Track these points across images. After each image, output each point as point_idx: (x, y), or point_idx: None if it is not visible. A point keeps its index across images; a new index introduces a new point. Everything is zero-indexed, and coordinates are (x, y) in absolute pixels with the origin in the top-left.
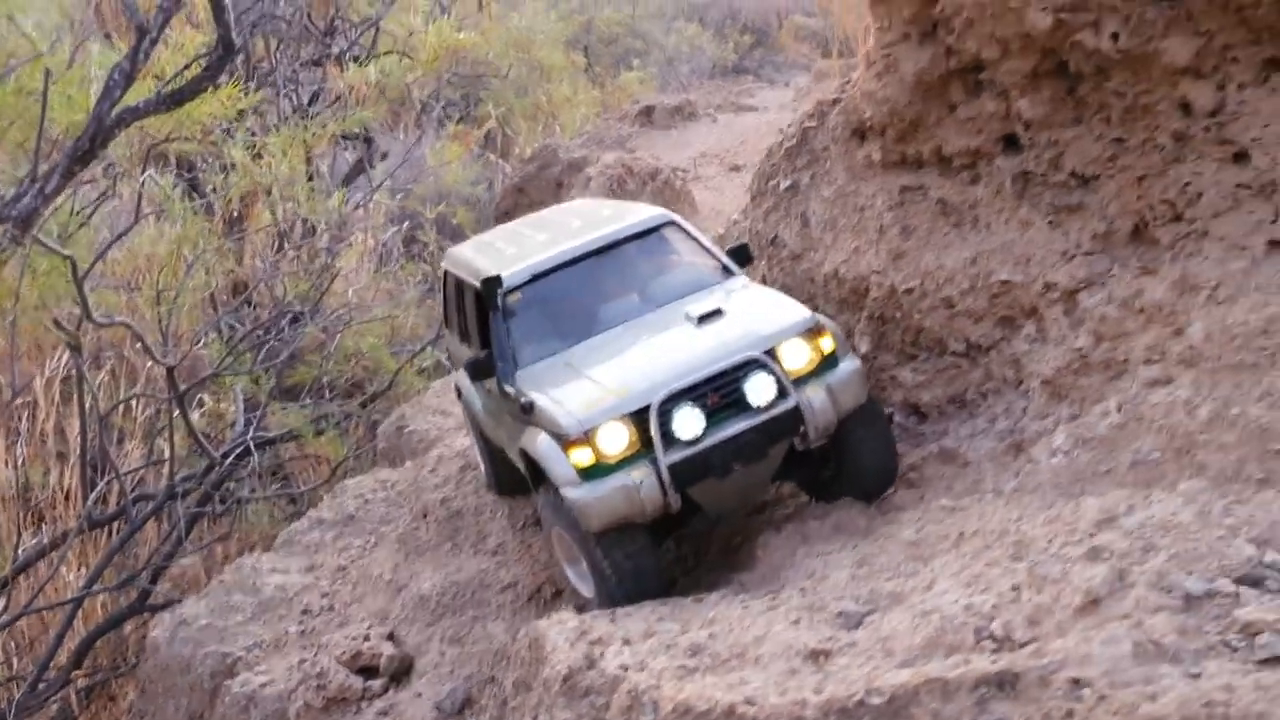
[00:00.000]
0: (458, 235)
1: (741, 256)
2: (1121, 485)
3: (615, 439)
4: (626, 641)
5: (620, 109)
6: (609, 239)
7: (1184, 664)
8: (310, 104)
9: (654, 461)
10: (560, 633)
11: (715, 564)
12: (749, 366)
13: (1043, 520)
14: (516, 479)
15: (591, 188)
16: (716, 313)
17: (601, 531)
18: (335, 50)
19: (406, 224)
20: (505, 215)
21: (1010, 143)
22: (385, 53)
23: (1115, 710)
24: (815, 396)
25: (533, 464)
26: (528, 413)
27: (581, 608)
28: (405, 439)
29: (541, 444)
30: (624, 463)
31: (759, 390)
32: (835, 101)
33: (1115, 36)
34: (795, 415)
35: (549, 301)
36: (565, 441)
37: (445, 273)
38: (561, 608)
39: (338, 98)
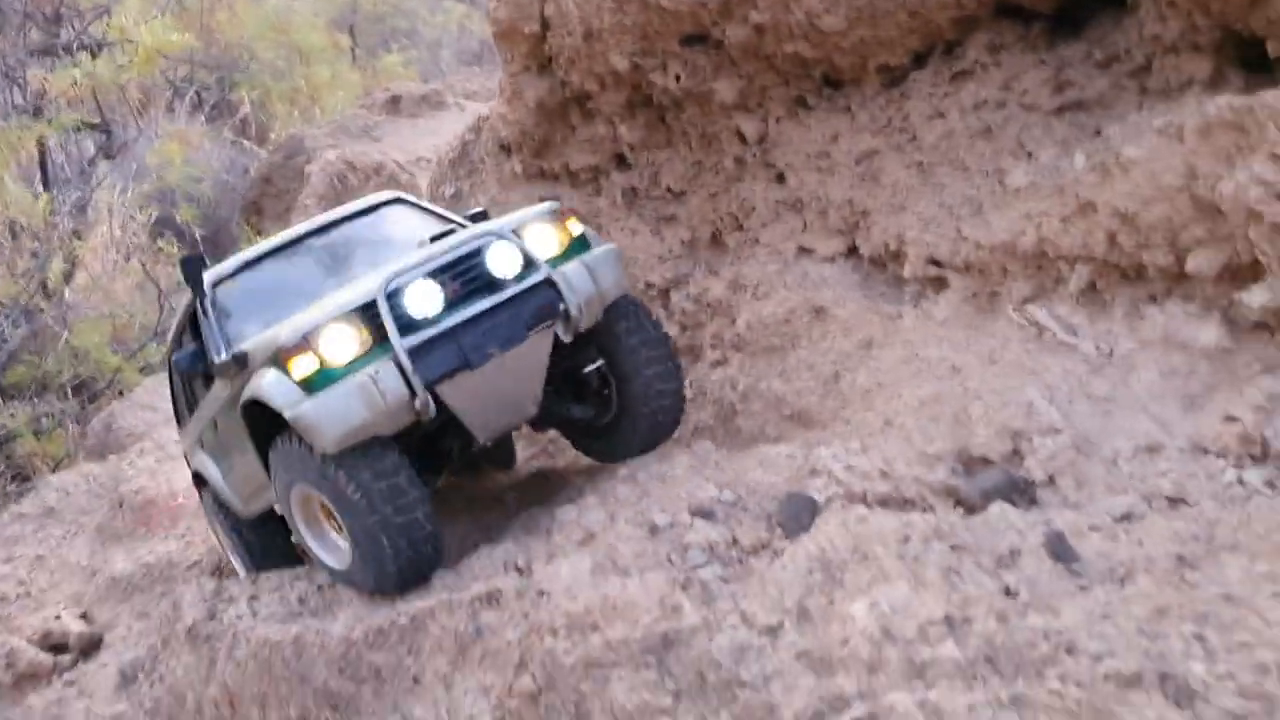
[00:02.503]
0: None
1: (481, 217)
2: (677, 446)
3: (341, 340)
4: (254, 598)
5: (369, 97)
6: (324, 222)
7: (630, 576)
8: (40, 98)
9: (390, 352)
10: (194, 592)
11: None
12: (487, 240)
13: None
14: (268, 539)
15: (314, 183)
16: (449, 232)
17: (340, 454)
18: (63, 39)
19: (154, 215)
20: (252, 205)
21: (621, 161)
22: (119, 41)
23: (553, 607)
24: (570, 270)
25: (260, 434)
26: (242, 364)
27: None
28: (113, 434)
29: (260, 380)
30: (356, 365)
31: (501, 260)
32: (488, 118)
33: (678, 77)
34: (550, 292)
35: (264, 288)
36: (283, 355)
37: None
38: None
39: (43, 94)
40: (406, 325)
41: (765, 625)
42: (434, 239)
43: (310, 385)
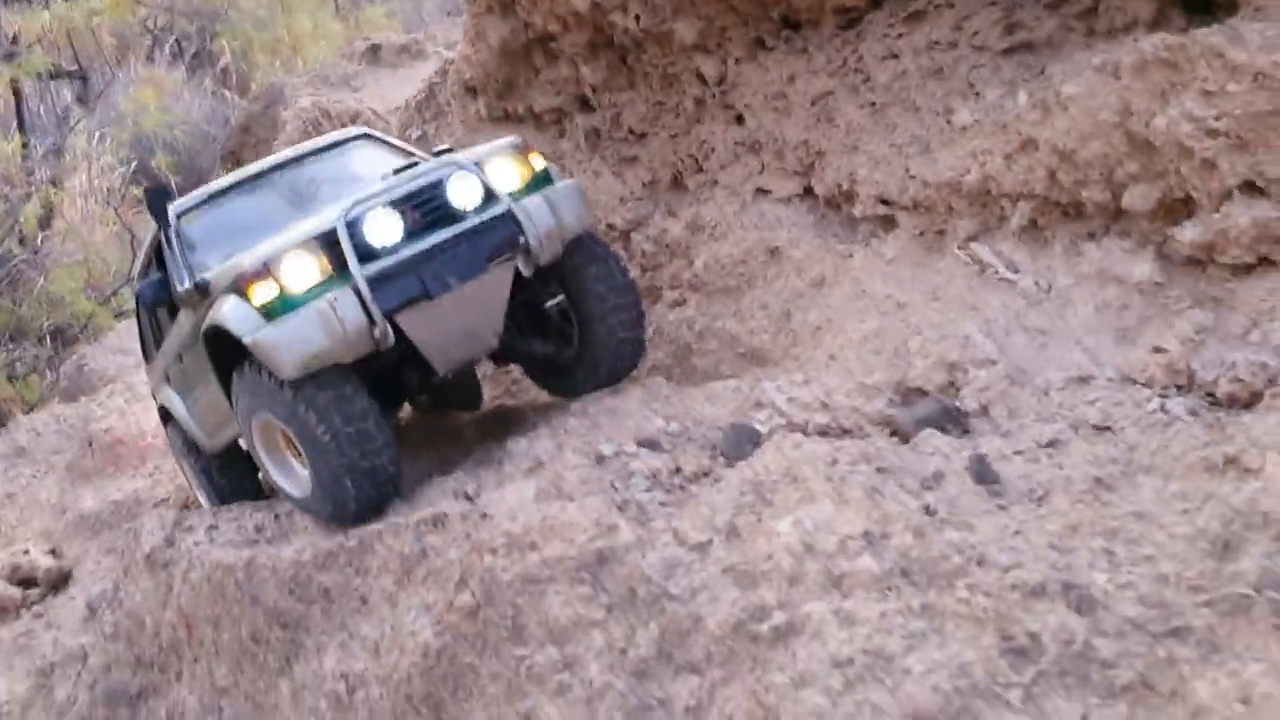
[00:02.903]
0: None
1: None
2: (631, 383)
3: (301, 268)
4: (212, 527)
5: (349, 46)
6: (291, 156)
7: (572, 500)
8: (14, 43)
9: (350, 280)
10: (154, 522)
11: None
12: (448, 171)
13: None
14: (235, 476)
15: (288, 131)
16: (413, 164)
17: (300, 381)
18: None
19: (135, 163)
20: (231, 155)
21: (584, 103)
22: None
23: (494, 528)
24: (531, 204)
25: (222, 364)
26: (204, 293)
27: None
28: (85, 376)
29: (221, 308)
30: (315, 292)
31: (461, 191)
32: (454, 62)
33: (638, 18)
34: (511, 225)
35: (229, 220)
36: (243, 282)
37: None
38: None
39: (15, 40)
40: (366, 254)
41: (696, 542)
42: (397, 171)
43: (270, 312)
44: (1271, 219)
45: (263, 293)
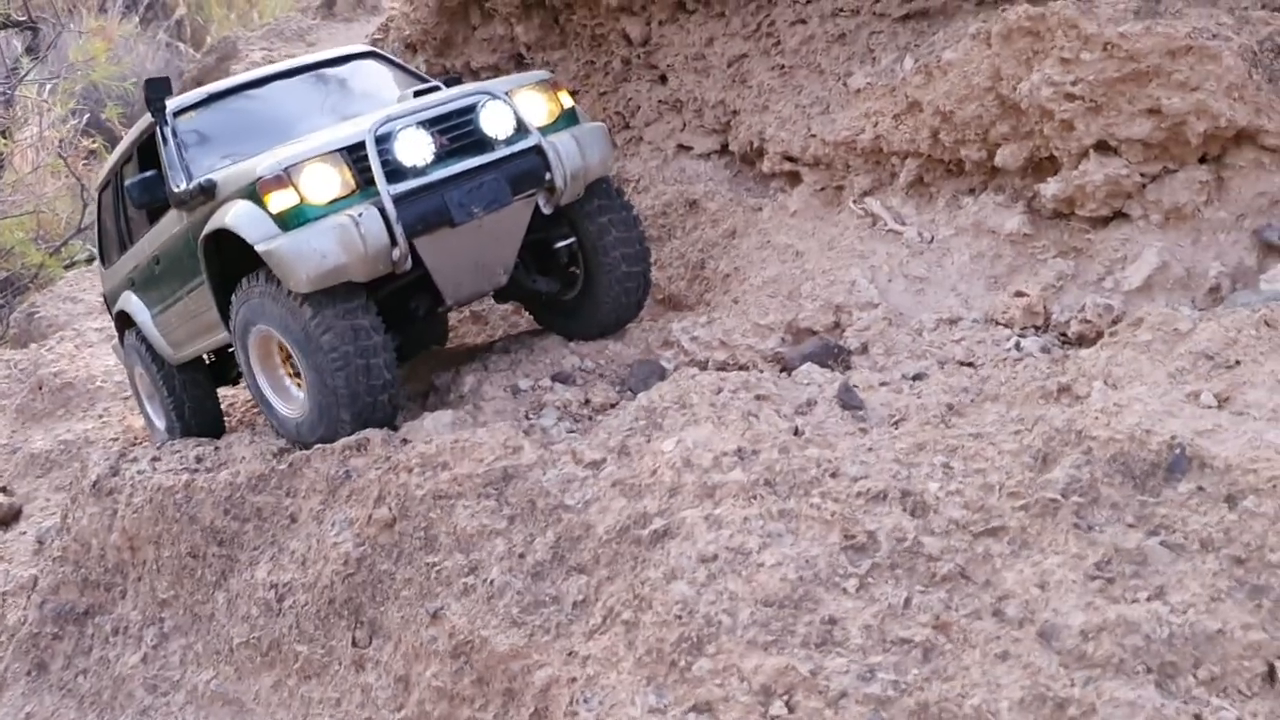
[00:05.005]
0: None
1: (453, 83)
2: None
3: (324, 178)
4: (155, 459)
5: (303, 0)
6: (295, 66)
7: (484, 425)
8: None
9: (374, 198)
10: (101, 453)
11: None
12: (481, 98)
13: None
14: (198, 390)
15: None
16: (435, 88)
17: (312, 296)
18: None
19: (88, 116)
20: None
21: (520, 61)
22: None
23: (410, 450)
24: (560, 141)
25: (216, 271)
26: (209, 195)
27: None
28: (35, 324)
29: (230, 212)
30: (336, 206)
31: (494, 120)
32: (394, 18)
33: None
34: (538, 160)
35: (228, 123)
36: (262, 187)
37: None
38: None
39: None
40: (393, 172)
41: (591, 461)
42: (418, 93)
43: (286, 221)
44: (1122, 175)
45: (280, 200)
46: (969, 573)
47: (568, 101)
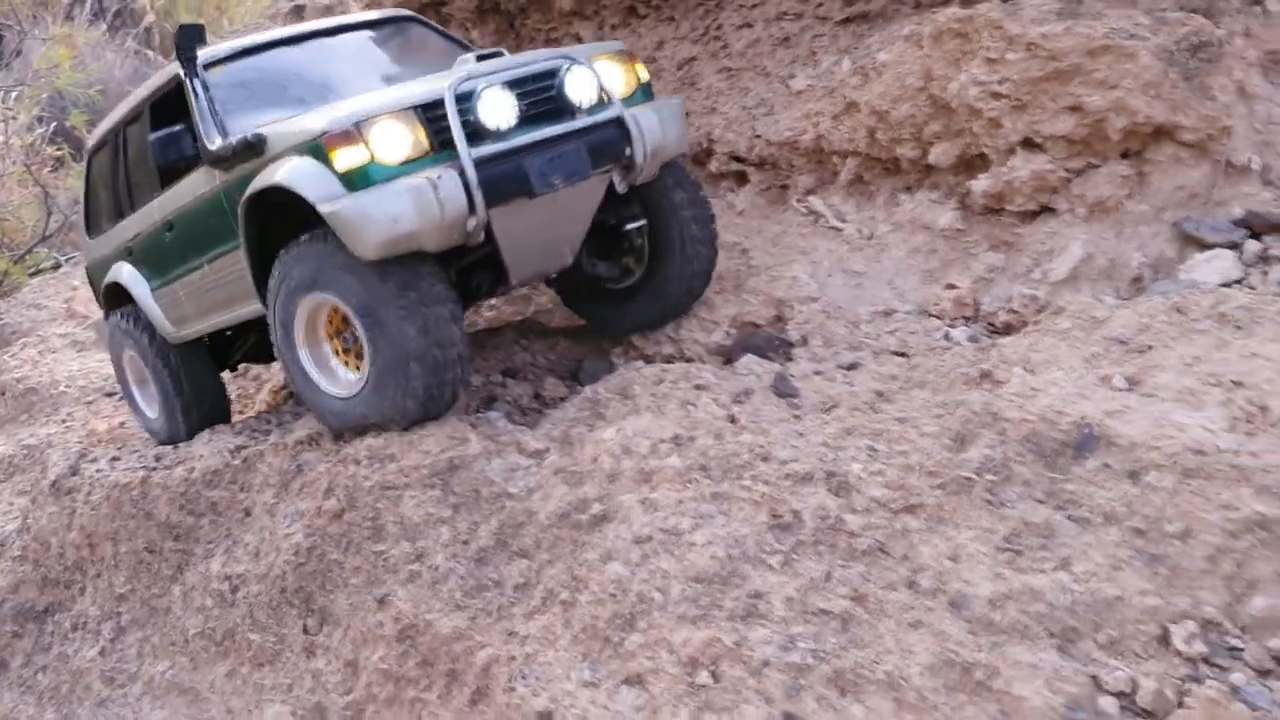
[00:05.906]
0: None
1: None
2: (510, 326)
3: (397, 136)
4: (114, 459)
5: (274, 6)
6: (332, 25)
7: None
8: None
9: (451, 160)
10: (62, 453)
11: None
12: (565, 62)
13: None
14: (198, 370)
15: None
16: (499, 53)
17: (386, 263)
18: None
19: (54, 124)
20: None
21: None
22: None
23: (359, 443)
24: (642, 114)
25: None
26: (255, 150)
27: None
28: None
29: (285, 168)
30: (410, 167)
31: (579, 86)
32: None
33: None
34: (620, 133)
35: (263, 80)
36: (328, 142)
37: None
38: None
39: None
40: (474, 134)
41: (534, 450)
42: (481, 57)
43: (353, 181)
44: (1047, 171)
45: (348, 157)
46: (887, 547)
47: (645, 74)
